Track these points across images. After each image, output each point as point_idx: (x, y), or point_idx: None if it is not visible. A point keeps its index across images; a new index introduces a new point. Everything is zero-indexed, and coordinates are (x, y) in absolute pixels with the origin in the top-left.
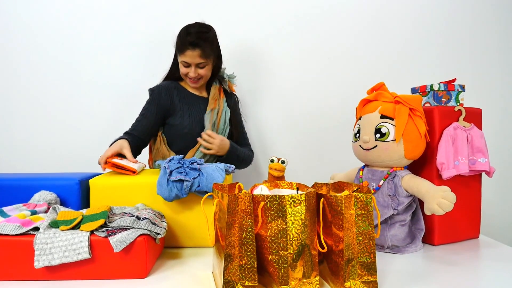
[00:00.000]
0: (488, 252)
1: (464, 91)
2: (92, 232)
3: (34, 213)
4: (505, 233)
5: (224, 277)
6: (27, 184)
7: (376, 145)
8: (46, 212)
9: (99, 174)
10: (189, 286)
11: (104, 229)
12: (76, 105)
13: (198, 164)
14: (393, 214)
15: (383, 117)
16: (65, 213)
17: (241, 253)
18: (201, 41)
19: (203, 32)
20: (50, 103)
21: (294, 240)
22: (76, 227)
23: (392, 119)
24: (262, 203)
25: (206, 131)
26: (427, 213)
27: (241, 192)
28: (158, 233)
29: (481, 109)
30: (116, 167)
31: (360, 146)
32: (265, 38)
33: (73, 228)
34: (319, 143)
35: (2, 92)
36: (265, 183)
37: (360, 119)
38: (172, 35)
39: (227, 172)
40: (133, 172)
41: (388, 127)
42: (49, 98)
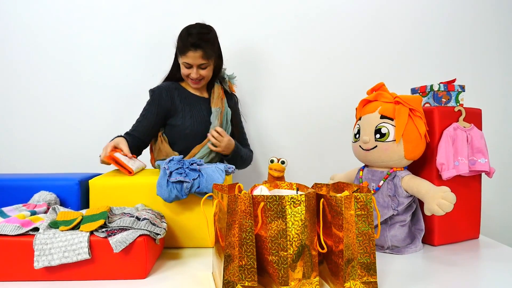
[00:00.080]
0: (488, 252)
1: (464, 91)
2: (91, 233)
3: (33, 213)
4: (505, 234)
5: (224, 277)
6: (26, 184)
7: (376, 146)
8: (45, 212)
9: (98, 174)
10: (189, 286)
11: (103, 229)
12: (76, 105)
13: (198, 165)
14: (393, 215)
15: (383, 117)
16: (64, 213)
17: (241, 253)
18: (202, 42)
19: (204, 33)
20: (50, 103)
21: (294, 241)
22: (76, 227)
23: (392, 119)
24: (262, 204)
25: (215, 128)
26: (427, 213)
27: (241, 193)
28: (158, 234)
29: (481, 110)
30: (116, 162)
31: (360, 146)
32: (265, 38)
33: (73, 228)
34: (319, 143)
35: (2, 92)
36: (265, 183)
37: (360, 119)
38: (172, 35)
39: (227, 173)
40: (129, 172)
41: (388, 127)
42: (49, 98)
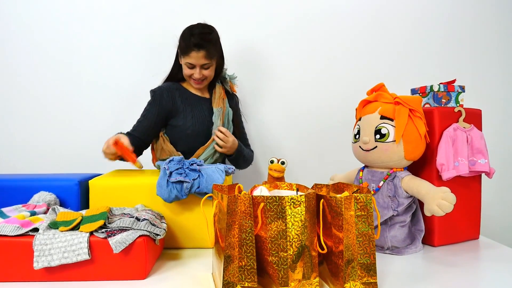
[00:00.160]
0: (488, 253)
1: (464, 92)
2: (91, 233)
3: (33, 214)
4: (505, 234)
5: (223, 278)
6: (26, 184)
7: (376, 146)
8: (45, 213)
9: (98, 175)
10: (189, 287)
11: (103, 230)
12: (76, 105)
13: (198, 165)
14: (393, 215)
15: (383, 118)
16: (64, 214)
17: (240, 254)
18: (205, 42)
19: (207, 33)
20: (50, 103)
21: (294, 241)
22: (76, 228)
23: (392, 120)
24: (262, 204)
25: (219, 128)
26: (427, 214)
27: (240, 193)
28: (157, 234)
29: (481, 110)
30: (120, 149)
31: (360, 147)
32: (265, 39)
33: (73, 229)
34: (319, 143)
35: (2, 92)
36: (265, 184)
37: (360, 120)
38: (173, 35)
39: (227, 173)
40: (133, 161)
41: (388, 128)
42: (49, 98)
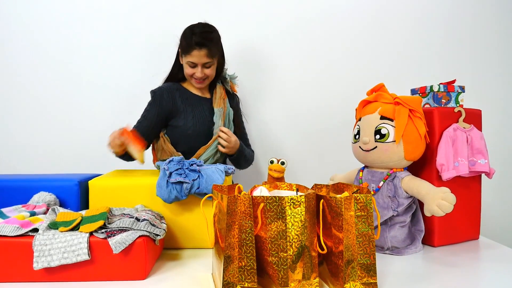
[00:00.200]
0: (488, 253)
1: (464, 92)
2: (91, 234)
3: (33, 214)
4: (505, 234)
5: (223, 278)
6: (26, 185)
7: (376, 146)
8: (45, 213)
9: (98, 175)
10: (189, 287)
11: (103, 230)
12: (76, 105)
13: (197, 166)
14: (393, 216)
15: (383, 118)
16: (64, 214)
17: (240, 254)
18: (207, 41)
19: (208, 32)
20: (50, 103)
21: (294, 242)
22: (75, 228)
23: (392, 120)
24: (262, 205)
25: (221, 128)
26: (427, 214)
27: (240, 194)
28: (157, 235)
29: (480, 110)
30: (130, 136)
31: (360, 147)
32: (265, 38)
33: (72, 229)
34: (319, 143)
35: (2, 92)
36: (265, 184)
37: (360, 120)
38: (173, 35)
39: (226, 174)
40: (142, 147)
41: (388, 128)
42: (49, 98)
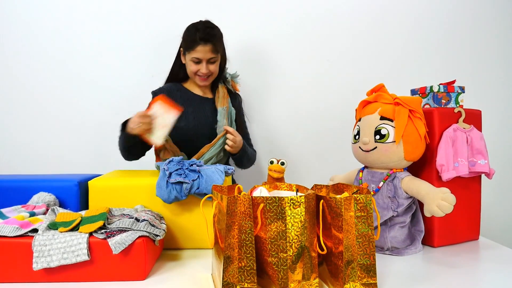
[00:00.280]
0: (488, 254)
1: (464, 92)
2: (91, 234)
3: (32, 214)
4: (505, 235)
5: (223, 279)
6: (25, 185)
7: (376, 147)
8: (45, 213)
9: (98, 175)
10: None
11: (103, 230)
12: (76, 106)
13: (197, 166)
14: (392, 216)
15: (382, 118)
16: (64, 214)
17: (240, 255)
18: (211, 36)
19: (212, 28)
20: (50, 104)
21: (294, 242)
22: (75, 228)
23: (391, 120)
24: (262, 205)
25: (226, 127)
26: (427, 215)
27: (240, 194)
28: (157, 235)
29: (480, 111)
30: (167, 101)
31: (359, 147)
32: (266, 38)
33: (72, 229)
34: (319, 143)
35: (2, 92)
36: (265, 184)
37: (359, 120)
38: (173, 36)
39: (226, 174)
40: (180, 110)
41: (387, 128)
42: (49, 99)
